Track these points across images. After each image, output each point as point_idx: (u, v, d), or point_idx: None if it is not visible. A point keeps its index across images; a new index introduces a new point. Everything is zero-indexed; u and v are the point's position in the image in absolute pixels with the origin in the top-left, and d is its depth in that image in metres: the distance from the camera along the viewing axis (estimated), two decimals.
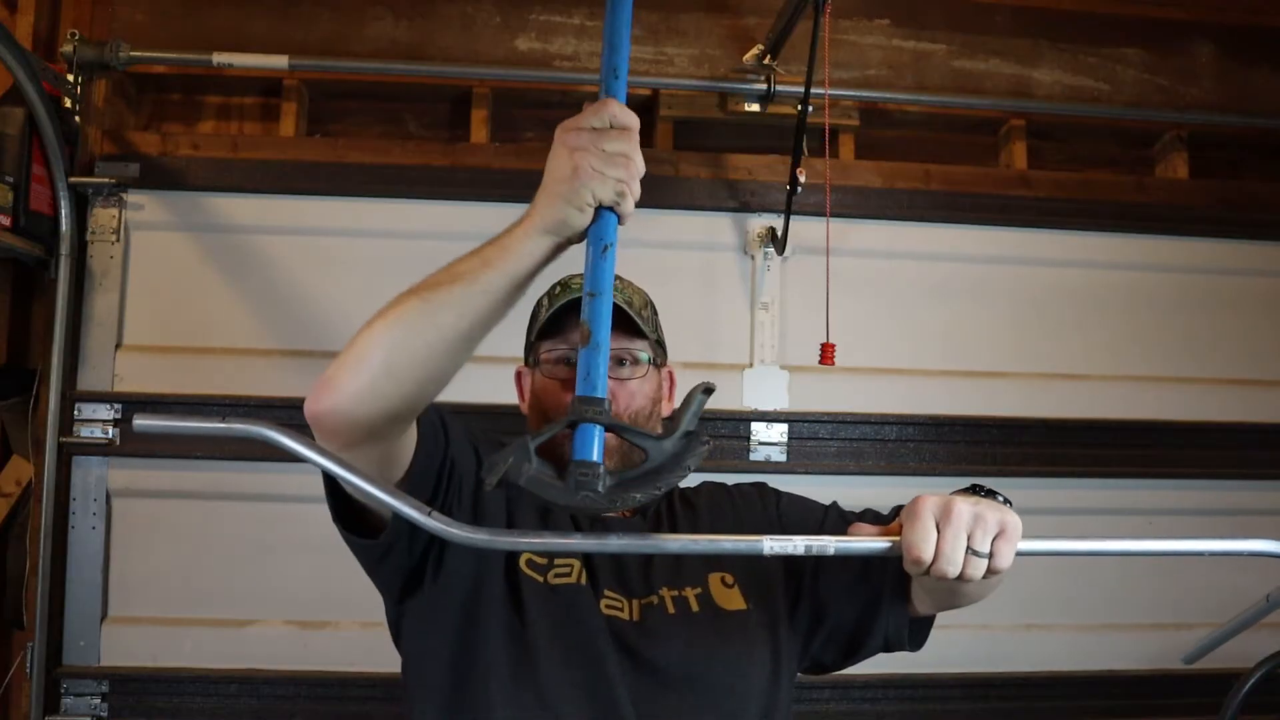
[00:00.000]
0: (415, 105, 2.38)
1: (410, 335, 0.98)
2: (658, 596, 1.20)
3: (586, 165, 0.91)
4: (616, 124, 0.93)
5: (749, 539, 0.91)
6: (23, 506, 2.15)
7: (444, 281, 1.00)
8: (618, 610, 1.18)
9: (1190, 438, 2.30)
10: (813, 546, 0.90)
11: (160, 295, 2.17)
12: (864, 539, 0.96)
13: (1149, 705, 2.24)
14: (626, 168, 0.92)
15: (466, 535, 0.88)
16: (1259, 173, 2.53)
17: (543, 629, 1.15)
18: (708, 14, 2.34)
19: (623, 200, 0.92)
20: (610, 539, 0.94)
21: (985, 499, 0.97)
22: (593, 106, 0.95)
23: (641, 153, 0.94)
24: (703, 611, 1.19)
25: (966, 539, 0.92)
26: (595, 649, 1.14)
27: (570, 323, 1.27)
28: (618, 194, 0.92)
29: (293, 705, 2.10)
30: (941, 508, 0.93)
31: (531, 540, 1.07)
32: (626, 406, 1.26)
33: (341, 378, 0.99)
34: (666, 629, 1.17)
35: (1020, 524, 0.93)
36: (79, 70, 2.14)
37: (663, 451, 0.90)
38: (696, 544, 0.95)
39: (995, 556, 0.92)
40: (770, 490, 1.37)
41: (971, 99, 2.38)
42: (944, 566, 0.91)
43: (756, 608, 1.22)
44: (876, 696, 2.18)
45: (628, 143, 0.92)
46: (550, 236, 0.96)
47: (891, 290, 2.29)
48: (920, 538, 0.92)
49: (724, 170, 2.26)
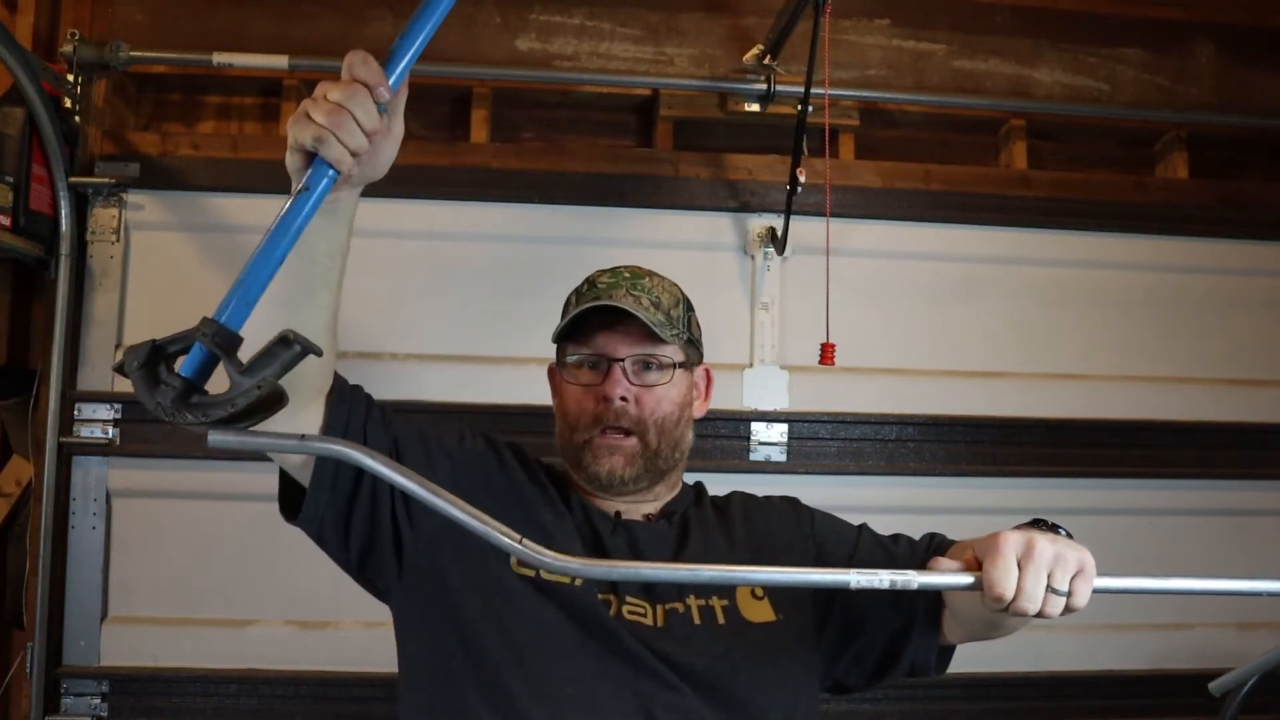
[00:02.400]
0: (415, 105, 2.34)
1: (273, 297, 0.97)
2: (683, 604, 1.19)
3: (301, 110, 0.91)
4: (353, 75, 0.91)
5: (835, 572, 0.92)
6: (23, 506, 2.15)
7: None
8: (640, 616, 1.17)
9: (1190, 438, 2.30)
10: (897, 581, 0.91)
11: (160, 295, 2.16)
12: (946, 574, 0.96)
13: (1149, 705, 2.24)
14: (332, 114, 0.89)
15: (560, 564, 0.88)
16: (1259, 173, 2.53)
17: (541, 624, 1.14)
18: (708, 14, 2.34)
19: (322, 146, 0.89)
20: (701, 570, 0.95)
21: (1051, 533, 0.98)
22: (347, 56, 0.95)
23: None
24: (729, 623, 1.19)
25: (1047, 577, 0.93)
26: (597, 649, 1.13)
27: (591, 326, 1.27)
28: (315, 139, 0.89)
29: (293, 705, 2.10)
30: (1024, 545, 0.94)
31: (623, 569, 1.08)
32: (651, 413, 1.26)
33: None
34: (690, 637, 1.17)
35: (1094, 563, 0.95)
36: (79, 70, 2.14)
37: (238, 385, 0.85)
38: (779, 575, 0.95)
39: (1074, 595, 0.94)
40: (804, 508, 1.37)
41: (971, 99, 2.38)
42: (1024, 604, 0.93)
43: (786, 621, 1.21)
44: (876, 696, 2.18)
45: (345, 92, 0.90)
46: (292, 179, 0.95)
47: (891, 290, 2.29)
48: (1002, 575, 0.93)
49: (724, 170, 2.26)
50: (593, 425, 1.25)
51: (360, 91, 0.90)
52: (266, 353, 0.85)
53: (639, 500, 1.30)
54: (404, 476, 0.87)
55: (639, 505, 1.30)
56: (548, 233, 2.20)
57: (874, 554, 1.26)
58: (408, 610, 1.23)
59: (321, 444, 0.88)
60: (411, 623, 1.22)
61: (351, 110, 0.89)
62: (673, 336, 1.27)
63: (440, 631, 1.17)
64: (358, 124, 0.90)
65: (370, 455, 0.86)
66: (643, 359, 1.26)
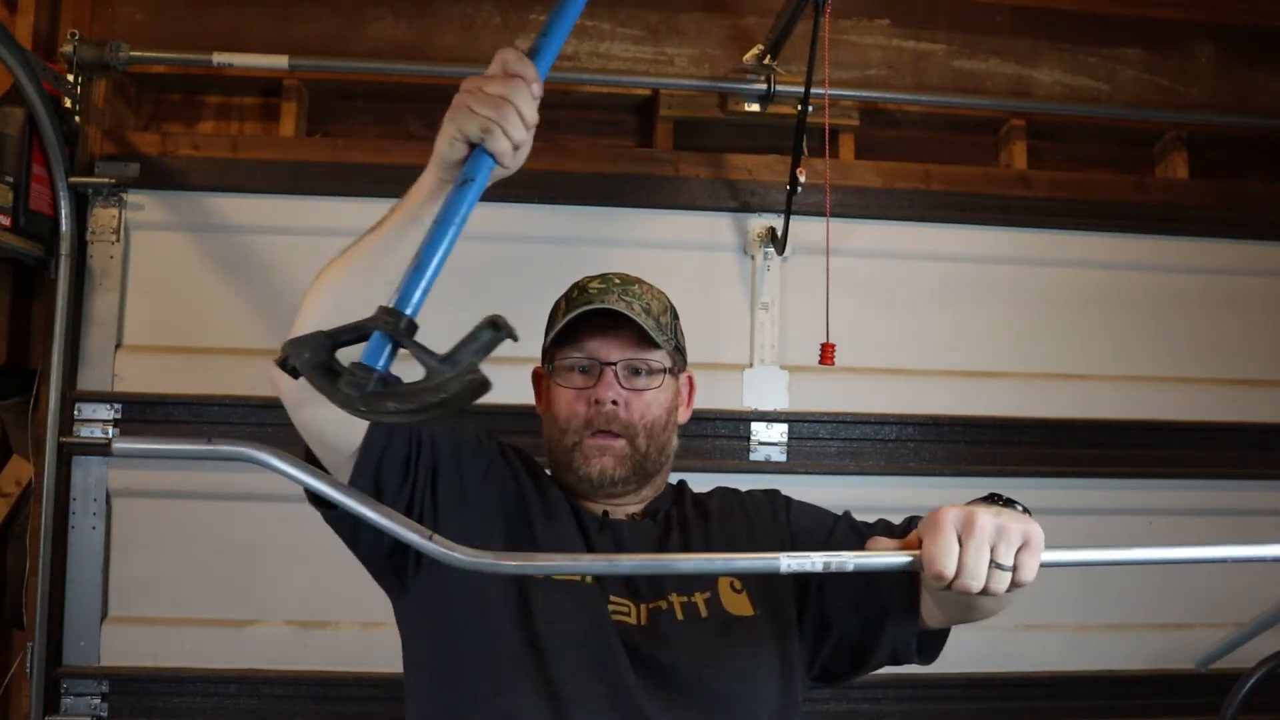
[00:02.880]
0: (415, 105, 2.38)
1: (343, 287, 1.05)
2: (666, 602, 1.20)
3: (461, 102, 0.94)
4: (508, 70, 0.94)
5: (765, 556, 0.90)
6: (23, 506, 2.15)
7: (366, 234, 1.08)
8: (624, 615, 1.18)
9: (1190, 438, 2.30)
10: (831, 563, 0.89)
11: (160, 295, 2.16)
12: (883, 554, 0.94)
13: (1149, 705, 2.24)
14: (498, 108, 0.91)
15: (471, 560, 0.88)
16: (1259, 173, 2.53)
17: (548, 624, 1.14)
18: (708, 14, 2.34)
19: (489, 137, 0.92)
20: (621, 561, 0.95)
21: (1006, 509, 0.95)
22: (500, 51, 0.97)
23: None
24: (712, 617, 1.19)
25: (990, 552, 0.89)
26: (604, 646, 1.14)
27: (582, 330, 1.27)
28: (483, 130, 0.91)
29: (293, 705, 2.10)
30: (964, 520, 0.90)
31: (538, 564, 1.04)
32: (641, 417, 1.26)
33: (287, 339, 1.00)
34: (675, 635, 1.17)
35: (1043, 535, 0.91)
36: (79, 70, 2.14)
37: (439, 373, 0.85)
38: (711, 563, 0.93)
39: (1020, 569, 0.90)
40: (781, 498, 1.37)
41: (971, 99, 2.39)
42: (967, 581, 0.89)
43: (765, 614, 1.21)
44: (876, 696, 2.18)
45: (507, 86, 0.92)
46: (436, 170, 0.99)
47: (891, 290, 2.29)
48: (942, 551, 0.89)
49: (724, 170, 2.26)
50: (583, 428, 1.26)
51: (521, 85, 0.92)
52: (471, 338, 0.86)
53: (625, 501, 1.31)
54: (316, 479, 0.88)
55: (624, 505, 1.31)
56: (548, 232, 2.20)
57: (848, 541, 1.24)
58: (421, 610, 1.22)
59: (227, 446, 0.88)
60: (423, 623, 1.22)
61: (515, 103, 0.91)
62: (664, 342, 1.29)
63: (451, 631, 1.18)
64: (520, 117, 0.92)
65: (274, 455, 0.87)
66: (633, 364, 1.27)
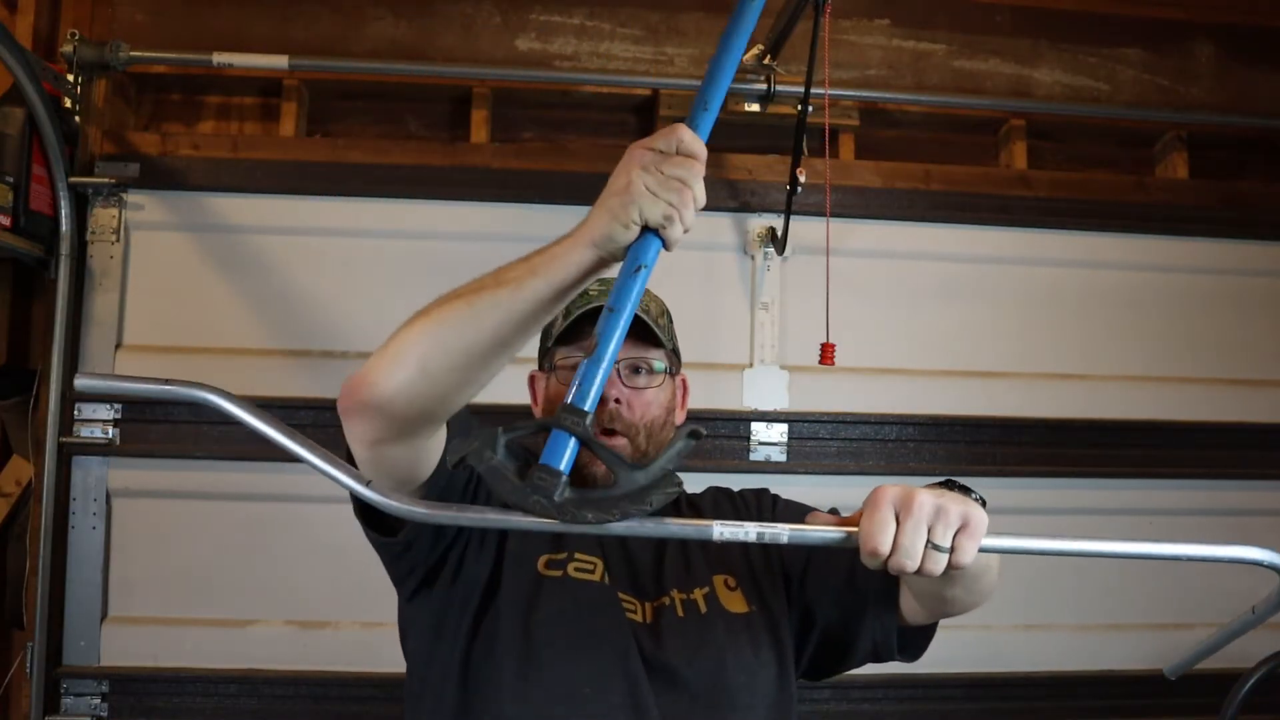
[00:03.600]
0: (415, 105, 2.38)
1: (450, 335, 0.98)
2: (669, 598, 1.21)
3: (640, 184, 0.91)
4: (684, 150, 0.92)
5: (699, 523, 0.89)
6: (23, 506, 2.15)
7: (489, 285, 0.99)
8: (632, 612, 1.19)
9: (1190, 438, 2.30)
10: (765, 534, 0.87)
11: (160, 295, 2.16)
12: (819, 528, 0.92)
13: (1149, 705, 2.24)
14: (680, 193, 0.91)
15: (406, 508, 0.88)
16: (1259, 173, 2.53)
17: (558, 624, 1.15)
18: (708, 14, 2.34)
19: (670, 225, 0.91)
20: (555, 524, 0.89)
21: (954, 493, 0.93)
22: (665, 129, 0.95)
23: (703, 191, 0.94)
24: (710, 613, 1.20)
25: (928, 532, 0.88)
26: (617, 645, 1.14)
27: (587, 331, 1.27)
28: (665, 217, 0.90)
29: (293, 705, 2.10)
30: (902, 499, 0.89)
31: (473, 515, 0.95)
32: (642, 416, 1.27)
33: (378, 373, 0.99)
34: (679, 630, 1.18)
35: (985, 519, 0.90)
36: (79, 70, 2.14)
37: (632, 481, 0.87)
38: (643, 526, 0.88)
39: (956, 551, 0.88)
40: (769, 496, 1.37)
41: (971, 99, 2.39)
42: (901, 559, 0.87)
43: (759, 610, 1.22)
44: (876, 696, 2.18)
45: (689, 170, 0.91)
46: (595, 250, 0.95)
47: (891, 290, 2.29)
48: (878, 528, 0.87)
49: (724, 170, 2.26)
50: None
51: (700, 170, 0.92)
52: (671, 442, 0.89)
53: None
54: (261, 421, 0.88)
55: None
56: (548, 233, 2.16)
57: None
58: (440, 610, 1.22)
59: (182, 387, 0.89)
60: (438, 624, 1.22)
61: (695, 191, 0.91)
62: (665, 341, 1.30)
63: (467, 634, 1.18)
64: (696, 204, 0.92)
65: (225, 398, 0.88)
66: (634, 363, 1.28)
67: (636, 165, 0.92)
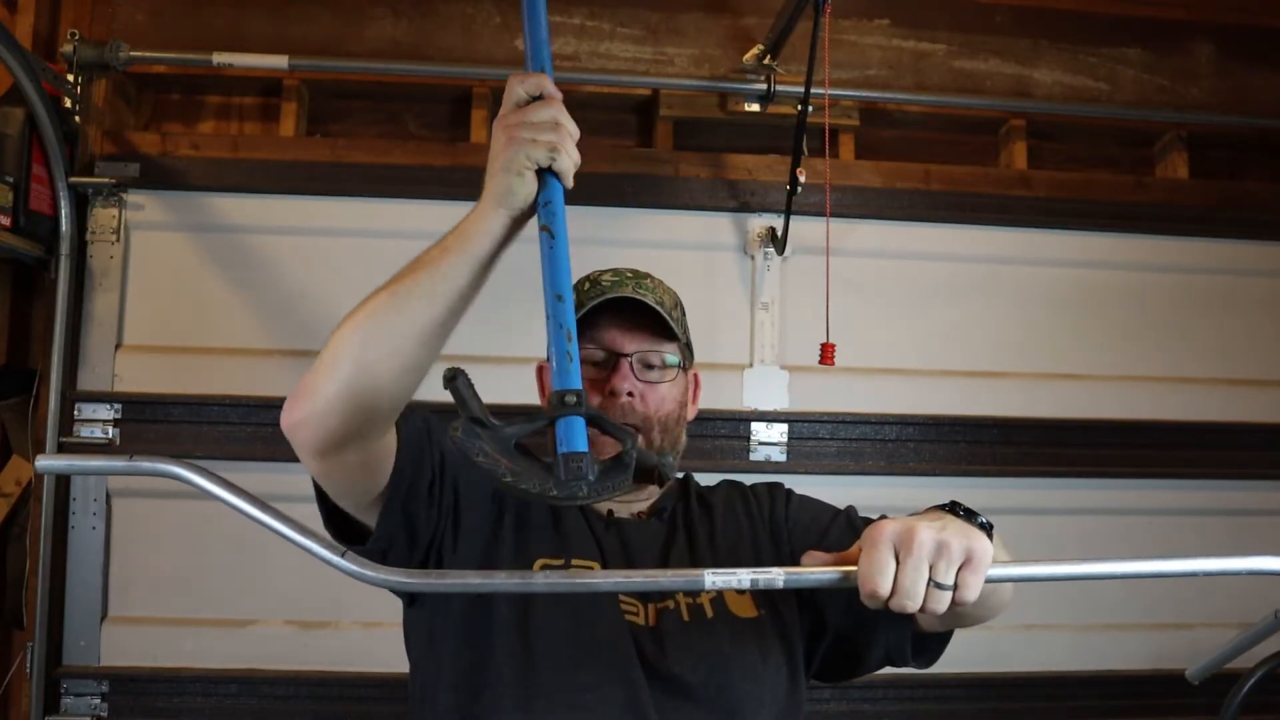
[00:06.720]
0: (415, 105, 2.38)
1: (381, 328, 1.00)
2: (673, 601, 1.19)
3: (516, 136, 0.96)
4: (543, 92, 0.97)
5: (689, 573, 0.88)
6: (23, 506, 2.15)
7: (409, 272, 1.03)
8: (634, 616, 1.17)
9: (1190, 438, 2.30)
10: (759, 580, 0.84)
11: (160, 295, 2.17)
12: (816, 570, 0.88)
13: (1149, 705, 2.24)
14: (555, 131, 0.95)
15: (382, 577, 0.89)
16: (1259, 173, 2.53)
17: (556, 631, 1.14)
18: (708, 14, 2.34)
19: (558, 157, 0.95)
20: (537, 579, 0.93)
21: (959, 520, 0.90)
22: (513, 79, 0.99)
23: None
24: (717, 618, 1.18)
25: (930, 570, 0.84)
26: (617, 651, 1.13)
27: (598, 322, 1.27)
28: (550, 153, 0.95)
29: (293, 705, 2.10)
30: (901, 536, 0.85)
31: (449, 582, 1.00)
32: (656, 410, 1.26)
33: (317, 382, 1.00)
34: (683, 635, 1.16)
35: (990, 550, 0.86)
36: (79, 70, 2.14)
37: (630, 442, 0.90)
38: (630, 581, 0.90)
39: (961, 588, 0.85)
40: (783, 491, 1.35)
41: (971, 99, 2.39)
42: (903, 601, 0.84)
43: (769, 614, 1.20)
44: (876, 696, 2.18)
45: (552, 108, 0.96)
46: (502, 210, 0.99)
47: (891, 290, 2.29)
48: (876, 570, 0.84)
49: (724, 170, 2.26)
50: None
51: (560, 103, 0.96)
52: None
53: (632, 499, 1.30)
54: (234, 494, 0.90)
55: (630, 504, 1.30)
56: None
57: (843, 538, 1.22)
58: (430, 618, 1.22)
59: (148, 463, 0.89)
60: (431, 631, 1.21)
61: (564, 122, 0.96)
62: (680, 333, 1.29)
63: (461, 641, 1.17)
64: (570, 134, 0.96)
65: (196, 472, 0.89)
66: (647, 356, 1.27)
67: (505, 125, 0.97)
